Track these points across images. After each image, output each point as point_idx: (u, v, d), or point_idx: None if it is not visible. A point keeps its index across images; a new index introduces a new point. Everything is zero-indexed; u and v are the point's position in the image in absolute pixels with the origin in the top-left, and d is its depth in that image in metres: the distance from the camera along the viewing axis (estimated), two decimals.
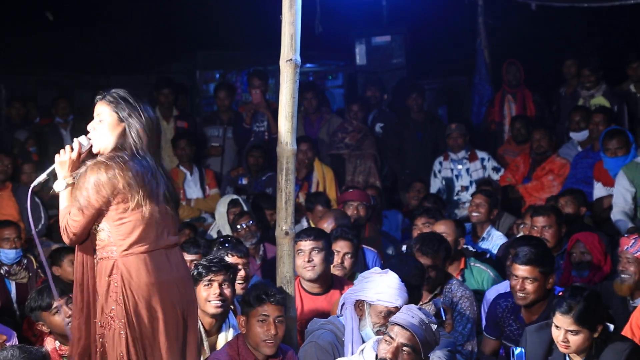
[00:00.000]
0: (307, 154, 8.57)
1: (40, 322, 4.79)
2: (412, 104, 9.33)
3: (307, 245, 5.30)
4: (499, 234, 7.10)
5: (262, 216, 7.48)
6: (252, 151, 8.71)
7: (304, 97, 9.12)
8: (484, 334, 5.29)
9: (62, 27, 10.31)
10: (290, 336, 4.62)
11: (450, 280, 5.46)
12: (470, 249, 6.41)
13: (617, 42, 9.63)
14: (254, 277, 6.06)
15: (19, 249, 6.67)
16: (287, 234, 4.58)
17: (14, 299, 6.43)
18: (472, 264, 6.08)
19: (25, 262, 6.75)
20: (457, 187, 8.67)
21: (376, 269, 4.75)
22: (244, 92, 11.08)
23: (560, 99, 9.38)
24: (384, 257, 6.55)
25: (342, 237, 5.71)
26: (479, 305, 5.58)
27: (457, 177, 8.70)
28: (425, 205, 7.34)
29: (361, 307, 4.50)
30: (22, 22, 10.21)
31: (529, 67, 9.35)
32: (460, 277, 5.91)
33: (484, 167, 8.65)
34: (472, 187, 8.48)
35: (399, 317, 3.98)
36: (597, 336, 4.23)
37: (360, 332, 4.48)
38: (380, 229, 7.48)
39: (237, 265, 5.17)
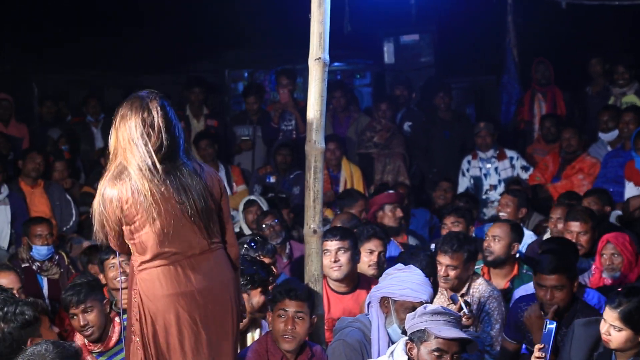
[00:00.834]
0: (335, 153, 8.59)
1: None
2: (440, 102, 9.32)
3: (333, 245, 5.30)
4: (529, 233, 7.05)
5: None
6: (280, 149, 8.75)
7: (332, 95, 9.15)
8: (502, 335, 5.18)
9: (93, 26, 10.40)
10: (318, 334, 4.63)
11: (476, 279, 5.43)
12: None
13: None
14: (282, 275, 6.08)
15: (50, 246, 6.75)
16: (315, 232, 4.57)
17: (46, 295, 6.51)
18: (524, 272, 5.90)
19: (57, 258, 6.83)
20: (486, 186, 8.64)
21: (399, 265, 4.74)
22: (272, 91, 11.13)
23: (586, 97, 9.31)
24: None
25: (376, 236, 5.69)
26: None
27: (485, 175, 8.66)
28: (456, 204, 7.30)
29: (386, 304, 4.50)
30: (55, 22, 10.33)
31: (558, 65, 9.29)
32: (510, 284, 5.82)
33: (513, 166, 8.61)
34: (501, 186, 8.44)
35: (439, 330, 3.90)
36: None
37: (386, 329, 4.48)
38: (407, 227, 7.48)
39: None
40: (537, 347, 4.52)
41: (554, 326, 4.46)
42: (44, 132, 9.33)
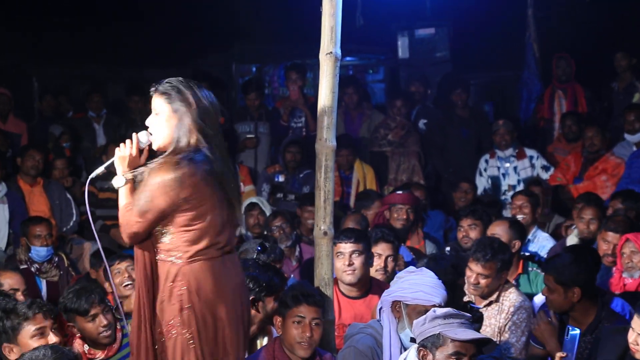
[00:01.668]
0: (348, 159, 8.62)
1: (71, 324, 4.84)
2: (457, 99, 9.30)
3: (347, 247, 5.28)
4: (545, 235, 7.02)
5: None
6: (289, 147, 8.72)
7: (344, 92, 9.13)
8: (530, 342, 5.18)
9: (95, 18, 10.42)
10: (328, 340, 4.62)
11: (508, 288, 5.40)
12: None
13: None
14: (291, 278, 6.07)
15: (50, 247, 6.76)
16: (325, 234, 4.56)
17: (45, 298, 6.51)
18: (530, 269, 5.97)
19: (56, 260, 6.84)
20: (504, 187, 8.61)
21: (411, 268, 4.72)
22: (281, 86, 11.11)
23: (612, 94, 9.27)
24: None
25: (384, 239, 5.68)
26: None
27: (504, 175, 8.64)
28: (476, 204, 7.27)
29: (398, 308, 4.47)
30: (54, 14, 10.35)
31: (580, 61, 9.25)
32: (514, 281, 5.83)
33: (533, 166, 8.58)
34: (520, 187, 8.40)
35: (455, 333, 3.89)
36: None
37: (399, 334, 4.46)
38: (420, 230, 7.44)
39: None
40: (559, 356, 4.50)
41: (577, 332, 4.42)
42: (45, 128, 9.34)
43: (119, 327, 4.85)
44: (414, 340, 4.08)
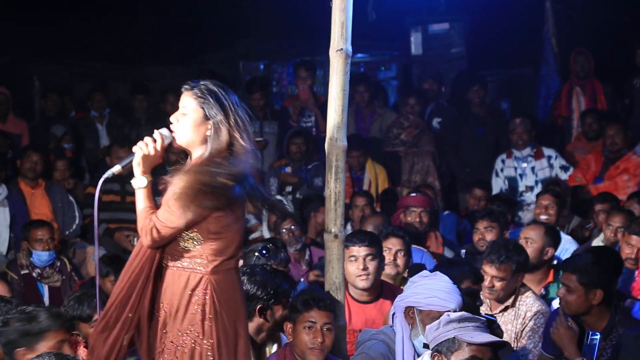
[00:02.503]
0: (359, 159, 8.62)
1: (75, 332, 4.86)
2: (473, 97, 9.28)
3: (361, 251, 5.25)
4: (568, 237, 7.00)
5: None
6: (293, 138, 8.72)
7: (355, 89, 9.13)
8: (541, 350, 5.10)
9: (96, 15, 10.45)
10: (339, 347, 4.63)
11: (525, 292, 5.40)
12: None
13: None
14: (301, 283, 6.08)
15: (52, 251, 6.78)
16: (336, 237, 4.57)
17: (47, 304, 6.54)
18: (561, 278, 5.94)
19: (58, 264, 6.86)
20: (521, 188, 8.60)
21: (425, 272, 4.73)
22: (290, 84, 11.13)
23: (633, 91, 9.24)
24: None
25: (393, 235, 5.74)
26: None
27: (521, 176, 8.63)
28: (489, 207, 7.27)
29: (411, 314, 4.47)
30: (54, 11, 10.38)
31: (600, 56, 9.23)
32: (543, 290, 5.80)
33: (551, 166, 8.57)
34: (538, 187, 8.39)
35: (471, 336, 3.90)
36: None
37: (412, 341, 4.46)
38: (432, 232, 7.45)
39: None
40: None
41: (597, 338, 4.41)
42: (46, 129, 9.35)
43: None
44: (427, 346, 4.09)
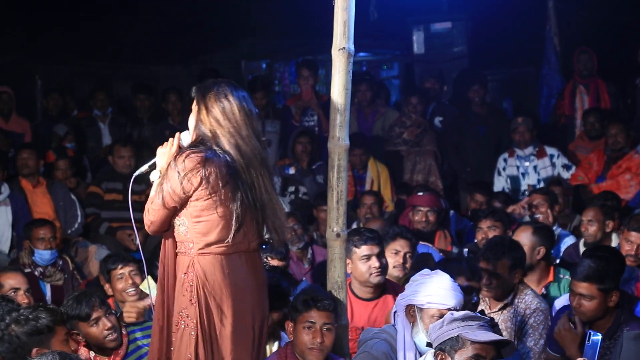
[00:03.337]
0: (362, 158, 8.63)
1: (75, 332, 4.86)
2: (474, 96, 9.29)
3: (375, 250, 5.34)
4: (571, 236, 7.01)
5: None
6: (299, 138, 8.75)
7: (357, 88, 9.14)
8: (546, 349, 5.14)
9: (99, 15, 10.46)
10: (341, 345, 4.63)
11: (524, 289, 5.40)
12: None
13: None
14: (303, 282, 6.09)
15: (54, 250, 6.79)
16: (338, 235, 4.57)
17: (49, 302, 6.54)
18: (562, 276, 5.87)
19: (60, 263, 6.87)
20: (524, 186, 8.60)
21: (425, 270, 4.73)
22: (292, 83, 11.13)
23: (636, 90, 9.24)
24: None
25: (402, 236, 5.74)
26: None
27: (523, 175, 8.63)
28: (492, 205, 7.26)
29: (412, 312, 4.49)
30: (56, 10, 10.39)
31: (603, 55, 9.23)
32: (544, 290, 5.81)
33: (554, 165, 8.57)
34: (541, 186, 8.39)
35: (475, 334, 3.90)
36: None
37: (413, 339, 4.48)
38: (438, 230, 7.46)
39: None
40: None
41: (599, 338, 4.42)
42: (49, 128, 9.37)
43: (124, 332, 4.87)
44: (430, 345, 4.10)
